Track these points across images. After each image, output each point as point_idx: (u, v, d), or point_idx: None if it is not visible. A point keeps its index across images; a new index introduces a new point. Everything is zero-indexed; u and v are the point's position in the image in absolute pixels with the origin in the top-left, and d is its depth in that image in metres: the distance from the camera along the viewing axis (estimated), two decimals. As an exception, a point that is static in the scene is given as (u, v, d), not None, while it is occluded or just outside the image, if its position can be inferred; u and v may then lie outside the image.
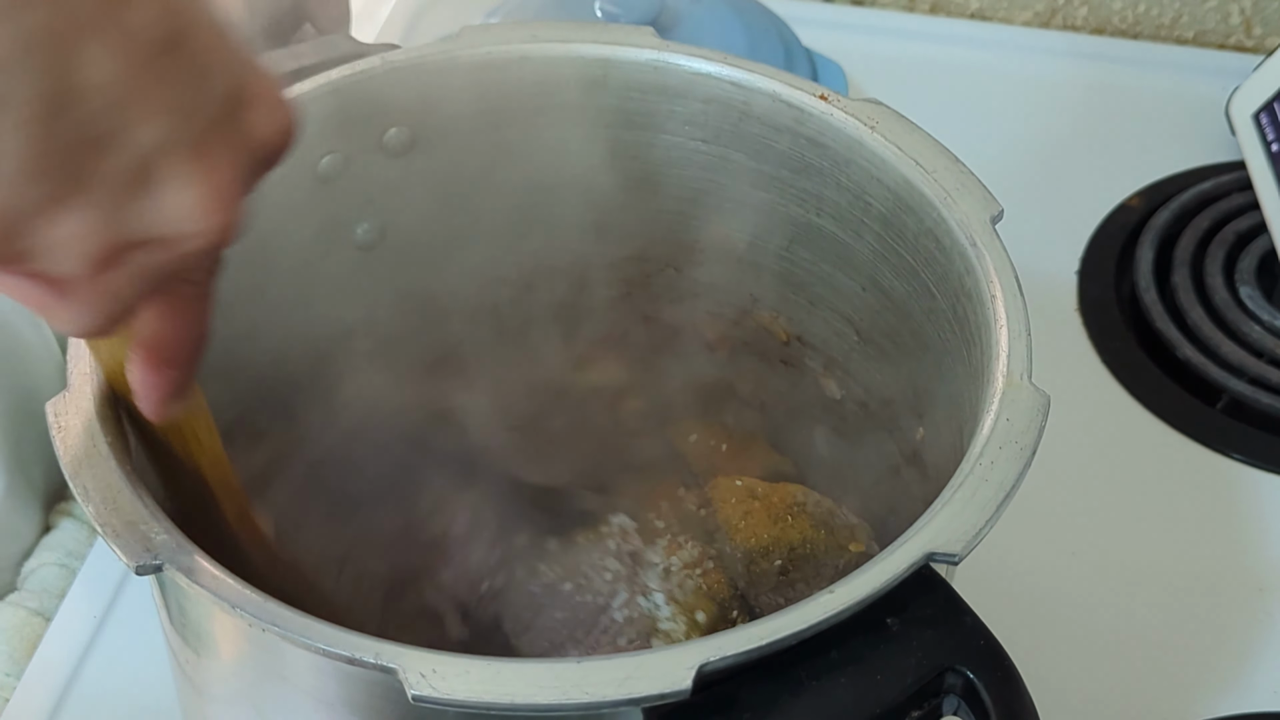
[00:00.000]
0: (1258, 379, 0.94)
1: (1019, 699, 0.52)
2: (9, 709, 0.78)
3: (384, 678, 0.50)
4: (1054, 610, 0.81)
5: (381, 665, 0.50)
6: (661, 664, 0.50)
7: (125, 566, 0.81)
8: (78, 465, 0.56)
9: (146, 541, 0.53)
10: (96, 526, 0.54)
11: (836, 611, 0.51)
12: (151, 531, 0.53)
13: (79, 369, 0.58)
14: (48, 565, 0.84)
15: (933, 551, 0.53)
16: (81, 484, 0.55)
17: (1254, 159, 1.02)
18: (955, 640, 0.53)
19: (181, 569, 0.53)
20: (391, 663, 0.49)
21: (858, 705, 0.51)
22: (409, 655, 0.50)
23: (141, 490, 0.55)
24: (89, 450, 0.56)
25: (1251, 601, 0.84)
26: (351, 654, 0.50)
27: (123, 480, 0.55)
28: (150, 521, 0.54)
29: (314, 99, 0.70)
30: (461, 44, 0.72)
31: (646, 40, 0.73)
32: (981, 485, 0.55)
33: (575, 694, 0.49)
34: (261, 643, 0.55)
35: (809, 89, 0.71)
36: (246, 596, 0.52)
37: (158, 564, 0.53)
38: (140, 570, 0.53)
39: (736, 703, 0.51)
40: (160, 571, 0.53)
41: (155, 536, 0.53)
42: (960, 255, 0.64)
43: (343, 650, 0.50)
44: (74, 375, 0.58)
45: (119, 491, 0.55)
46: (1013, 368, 0.59)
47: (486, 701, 0.49)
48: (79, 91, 0.41)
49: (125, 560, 0.53)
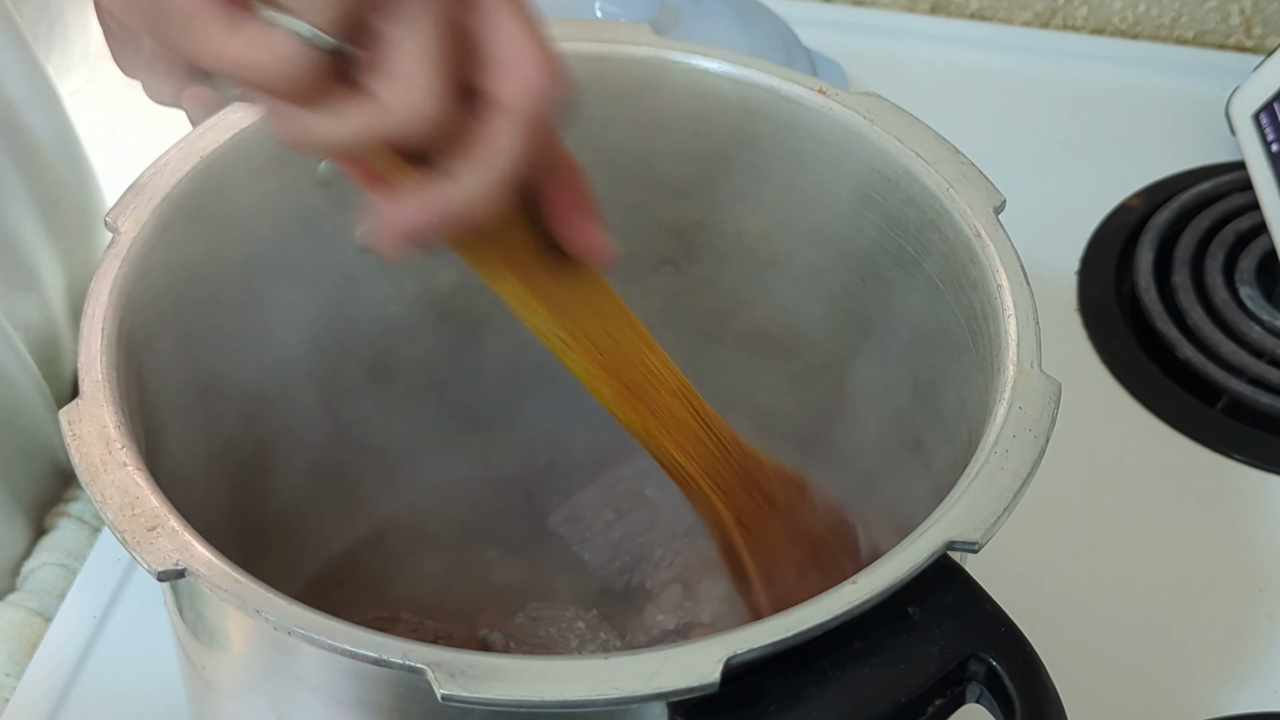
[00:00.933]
0: (1258, 379, 0.94)
1: (1042, 685, 0.52)
2: (9, 709, 0.77)
3: (410, 678, 0.50)
4: (1054, 610, 0.81)
5: (410, 666, 0.50)
6: (689, 658, 0.50)
7: (125, 568, 0.83)
8: (94, 473, 0.55)
9: (167, 547, 0.53)
10: (115, 534, 0.54)
11: (860, 602, 0.51)
12: (172, 537, 0.53)
13: (90, 376, 0.58)
14: (48, 565, 0.84)
15: (953, 540, 0.53)
16: (99, 491, 0.55)
17: (1254, 159, 1.02)
18: (977, 628, 0.53)
19: (203, 574, 0.52)
20: (419, 663, 0.49)
21: (882, 694, 0.51)
22: (436, 655, 0.50)
23: (160, 495, 0.55)
24: (104, 457, 0.56)
25: (1251, 601, 0.84)
26: (379, 655, 0.50)
27: (140, 486, 0.55)
28: (170, 527, 0.54)
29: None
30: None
31: (644, 38, 0.73)
32: (998, 473, 0.55)
33: (604, 689, 0.49)
34: (283, 646, 0.55)
35: (807, 83, 0.71)
36: (269, 600, 0.52)
37: (180, 570, 0.52)
38: (162, 576, 0.52)
39: (763, 695, 0.51)
40: (182, 577, 0.53)
41: (176, 542, 0.53)
42: (964, 245, 0.65)
43: (369, 652, 0.50)
44: (86, 383, 0.58)
45: (137, 498, 0.55)
46: (1023, 356, 0.60)
47: (515, 699, 0.49)
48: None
49: (147, 568, 0.53)
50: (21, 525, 0.85)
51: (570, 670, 0.50)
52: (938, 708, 0.52)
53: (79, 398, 0.58)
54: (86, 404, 0.57)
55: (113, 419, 0.57)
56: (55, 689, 0.79)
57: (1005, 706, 0.52)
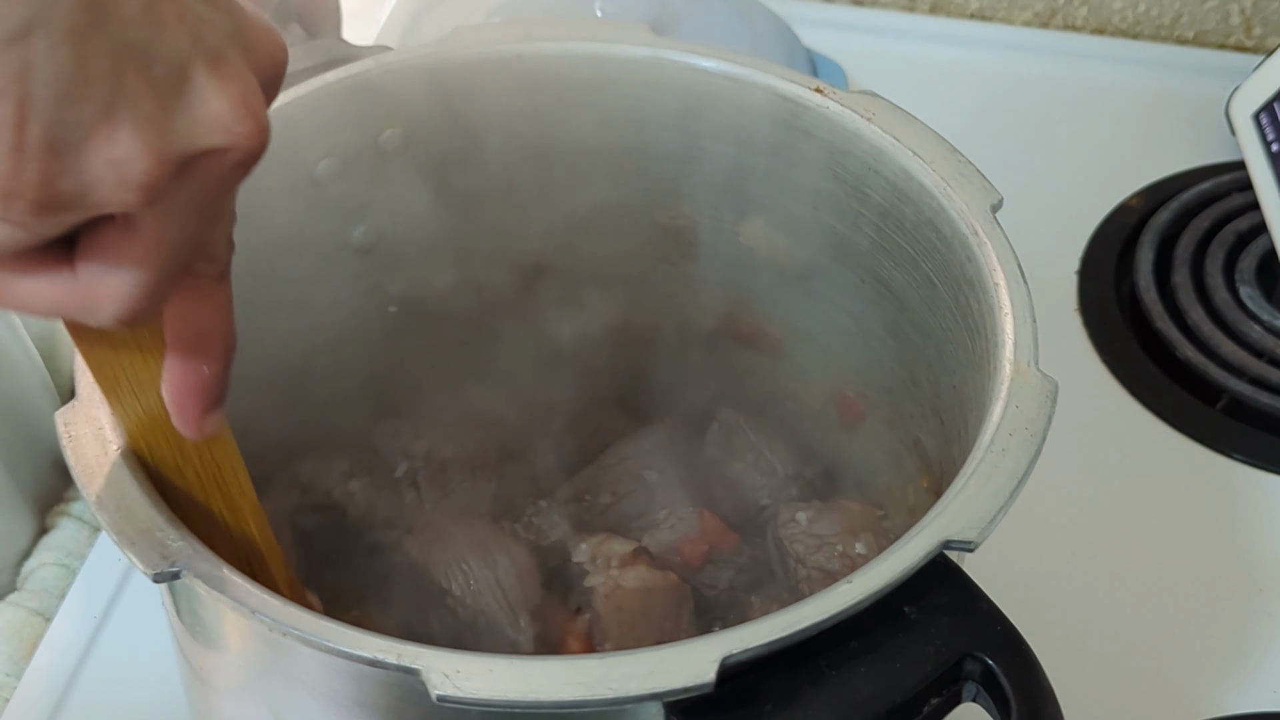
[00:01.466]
0: (1258, 379, 0.94)
1: (1038, 684, 0.52)
2: (9, 709, 0.78)
3: (405, 679, 0.50)
4: (1053, 610, 0.82)
5: (404, 667, 0.50)
6: (684, 657, 0.50)
7: (125, 568, 0.83)
8: (91, 474, 0.55)
9: (163, 549, 0.53)
10: (112, 536, 0.54)
11: (856, 600, 0.51)
12: (168, 539, 0.53)
13: (87, 378, 0.58)
14: (48, 565, 0.84)
15: (949, 539, 0.53)
16: (95, 493, 0.55)
17: (1254, 159, 1.02)
18: (972, 627, 0.53)
19: (199, 576, 0.52)
20: (414, 664, 0.49)
21: (879, 693, 0.51)
22: (431, 656, 0.50)
23: (155, 497, 0.55)
24: (101, 459, 0.56)
25: (1251, 601, 0.84)
26: (374, 656, 0.50)
27: (136, 488, 0.55)
28: (166, 529, 0.54)
29: (309, 103, 0.70)
30: (455, 45, 0.72)
31: (641, 37, 0.73)
32: (994, 472, 0.55)
33: (600, 690, 0.49)
34: (280, 647, 0.55)
35: (804, 82, 0.71)
36: (265, 601, 0.52)
37: (175, 571, 0.52)
38: (158, 578, 0.52)
39: (758, 694, 0.51)
40: (178, 579, 0.52)
41: (171, 544, 0.53)
42: (961, 244, 0.65)
43: (365, 653, 0.50)
44: (83, 384, 0.58)
45: (133, 500, 0.55)
46: (1019, 355, 0.59)
47: (511, 699, 0.49)
48: (111, 4, 0.42)
49: (143, 569, 0.52)
50: (26, 518, 0.85)
51: (567, 670, 0.50)
52: (934, 707, 0.52)
53: (75, 399, 0.58)
54: (83, 405, 0.57)
55: (108, 420, 0.57)
56: (55, 689, 0.79)
57: (1001, 705, 0.52)
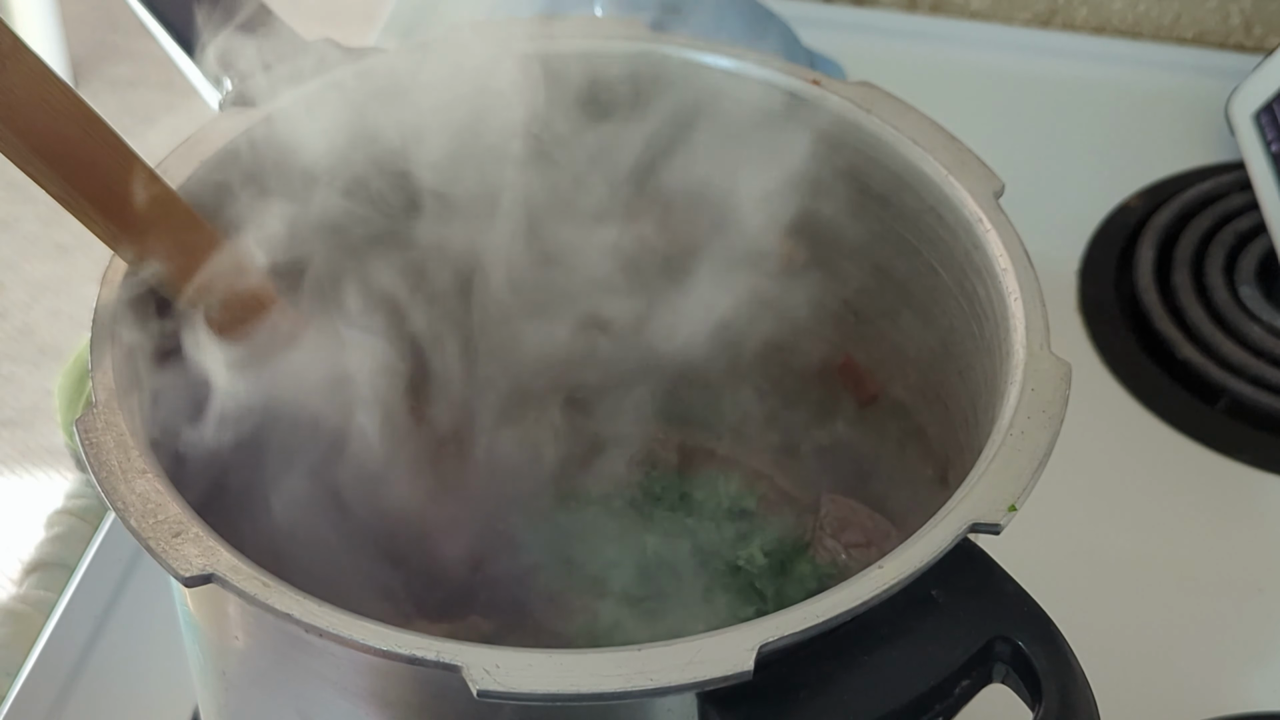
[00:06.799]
0: (1258, 379, 0.95)
1: (1067, 663, 0.53)
2: (9, 709, 0.77)
3: (442, 675, 0.50)
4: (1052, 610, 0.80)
5: (444, 663, 0.50)
6: (722, 646, 0.50)
7: (125, 568, 0.83)
8: (114, 481, 0.55)
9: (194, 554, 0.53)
10: (140, 542, 0.53)
11: (888, 586, 0.51)
12: (196, 542, 0.53)
13: (104, 384, 0.58)
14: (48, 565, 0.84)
15: (975, 522, 0.53)
16: (120, 500, 0.54)
17: (1254, 159, 1.03)
18: (1001, 609, 0.53)
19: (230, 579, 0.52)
20: (454, 660, 0.49)
21: (911, 677, 0.51)
22: (471, 652, 0.50)
23: (181, 501, 0.55)
24: (124, 465, 0.55)
25: (1251, 601, 0.84)
26: (413, 654, 0.50)
27: (161, 493, 0.55)
28: (194, 532, 0.53)
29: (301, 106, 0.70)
30: (448, 44, 0.72)
31: (637, 32, 0.73)
32: (1015, 455, 0.56)
33: (639, 681, 0.49)
34: (308, 646, 0.55)
35: (801, 74, 0.71)
36: (298, 602, 0.52)
37: (206, 575, 0.52)
38: (190, 583, 0.52)
39: (793, 681, 0.51)
40: (209, 582, 0.52)
41: (201, 547, 0.53)
42: (966, 231, 0.65)
43: (403, 650, 0.50)
44: (100, 391, 0.58)
45: (159, 505, 0.54)
46: (1032, 338, 0.60)
47: (552, 693, 0.49)
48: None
49: (174, 574, 0.52)
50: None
51: (604, 662, 0.50)
52: (964, 689, 0.52)
53: (94, 406, 0.57)
54: (101, 412, 0.57)
55: (129, 426, 0.56)
56: (55, 689, 0.79)
57: (1031, 685, 0.52)
